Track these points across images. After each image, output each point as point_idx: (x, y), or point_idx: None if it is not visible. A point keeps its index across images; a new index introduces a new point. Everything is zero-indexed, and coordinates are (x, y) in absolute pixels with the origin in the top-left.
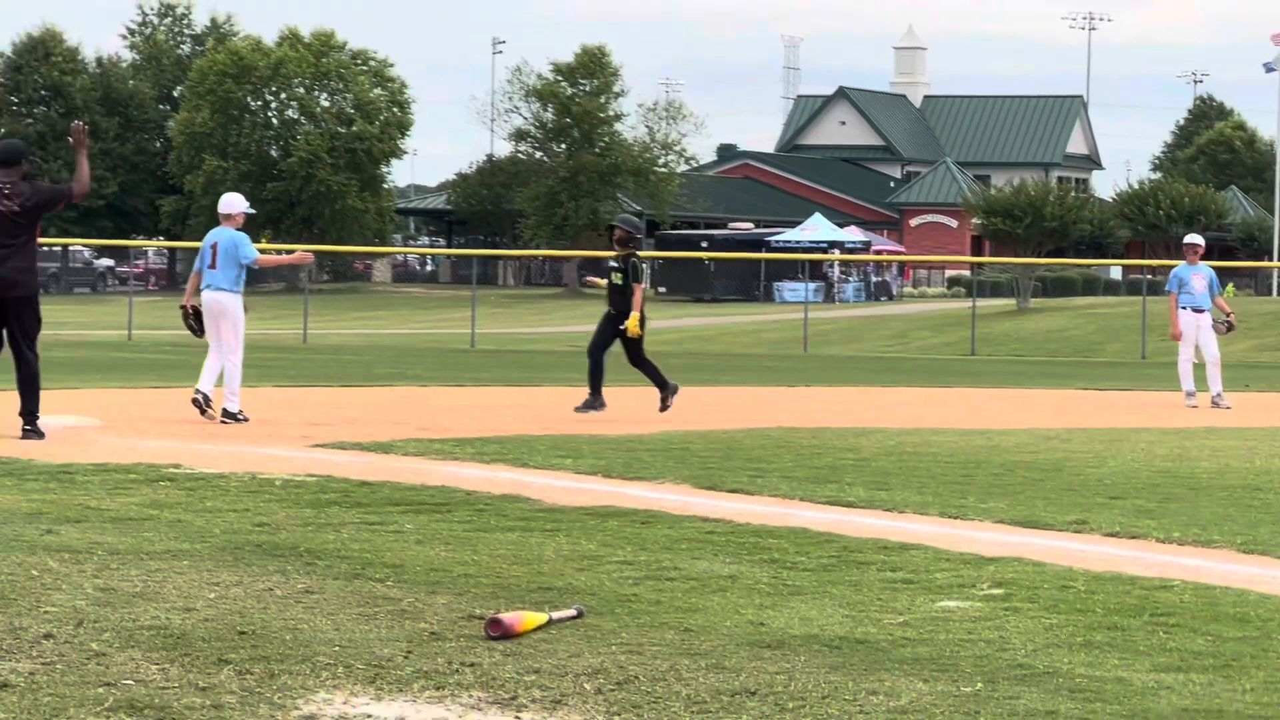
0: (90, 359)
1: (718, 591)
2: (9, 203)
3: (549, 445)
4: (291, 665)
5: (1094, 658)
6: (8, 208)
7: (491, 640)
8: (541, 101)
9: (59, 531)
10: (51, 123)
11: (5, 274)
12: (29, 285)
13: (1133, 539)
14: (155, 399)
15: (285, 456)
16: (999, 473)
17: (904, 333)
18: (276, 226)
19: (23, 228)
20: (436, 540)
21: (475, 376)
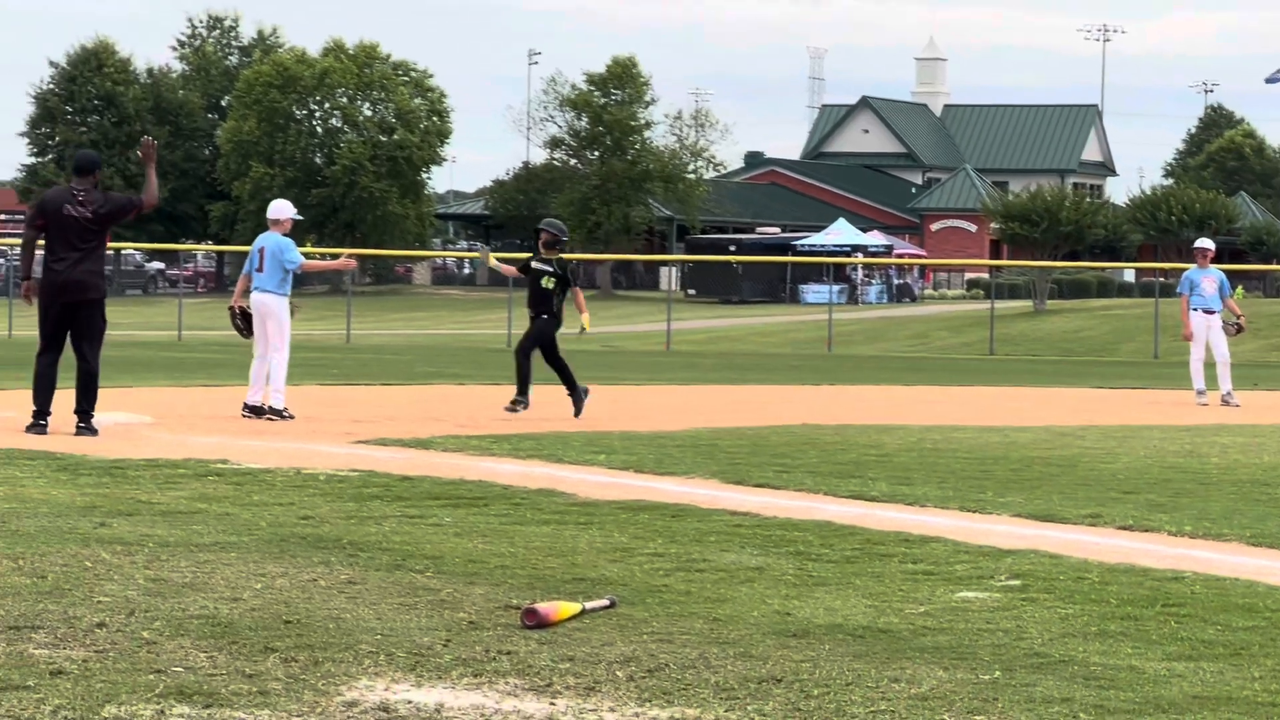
0: (141, 358)
1: (745, 582)
2: (82, 209)
3: (583, 441)
4: (335, 653)
5: (1108, 646)
6: (81, 214)
7: (527, 629)
8: (575, 111)
9: (111, 524)
10: (104, 131)
11: (78, 277)
12: (98, 289)
13: (1145, 532)
14: (204, 397)
15: (329, 452)
16: (1016, 468)
17: (925, 333)
18: (320, 231)
19: (94, 234)
20: (474, 533)
21: (511, 375)
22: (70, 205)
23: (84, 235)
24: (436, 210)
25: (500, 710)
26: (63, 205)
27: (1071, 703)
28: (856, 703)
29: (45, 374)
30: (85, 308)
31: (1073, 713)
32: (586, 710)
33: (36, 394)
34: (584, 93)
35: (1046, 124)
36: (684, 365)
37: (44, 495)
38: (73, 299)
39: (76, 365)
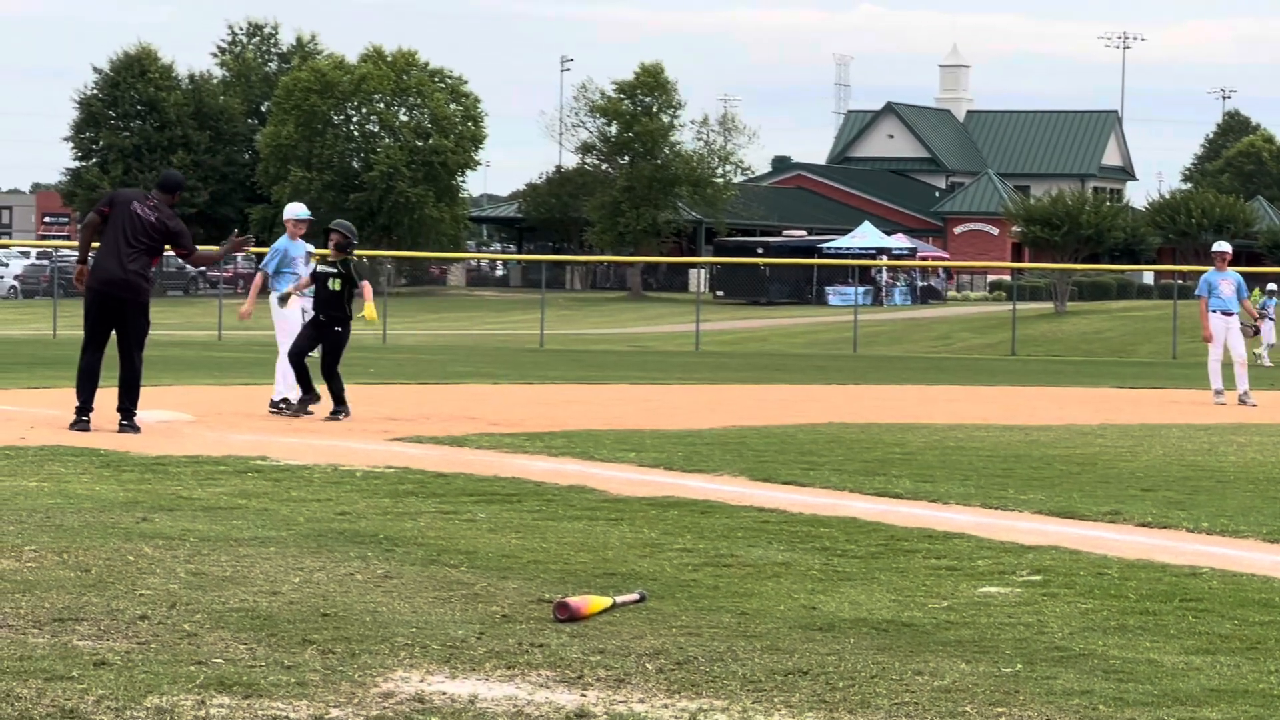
0: (183, 358)
1: (772, 577)
2: (149, 212)
3: (613, 439)
4: (371, 645)
5: (1127, 640)
6: (146, 215)
7: (559, 622)
8: (605, 117)
9: (153, 519)
10: (146, 136)
11: (125, 276)
12: (144, 291)
13: (1164, 529)
14: (244, 395)
15: (365, 449)
16: (1038, 466)
17: (948, 334)
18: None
19: (150, 239)
20: (507, 528)
21: (544, 375)
22: (140, 205)
23: (141, 236)
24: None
25: (532, 701)
26: (131, 202)
27: (1091, 695)
28: (881, 695)
29: (88, 370)
30: (131, 308)
31: (1092, 705)
32: (617, 702)
33: (79, 390)
34: (613, 100)
35: (1067, 129)
36: (713, 365)
37: (88, 491)
38: (119, 296)
39: (119, 364)
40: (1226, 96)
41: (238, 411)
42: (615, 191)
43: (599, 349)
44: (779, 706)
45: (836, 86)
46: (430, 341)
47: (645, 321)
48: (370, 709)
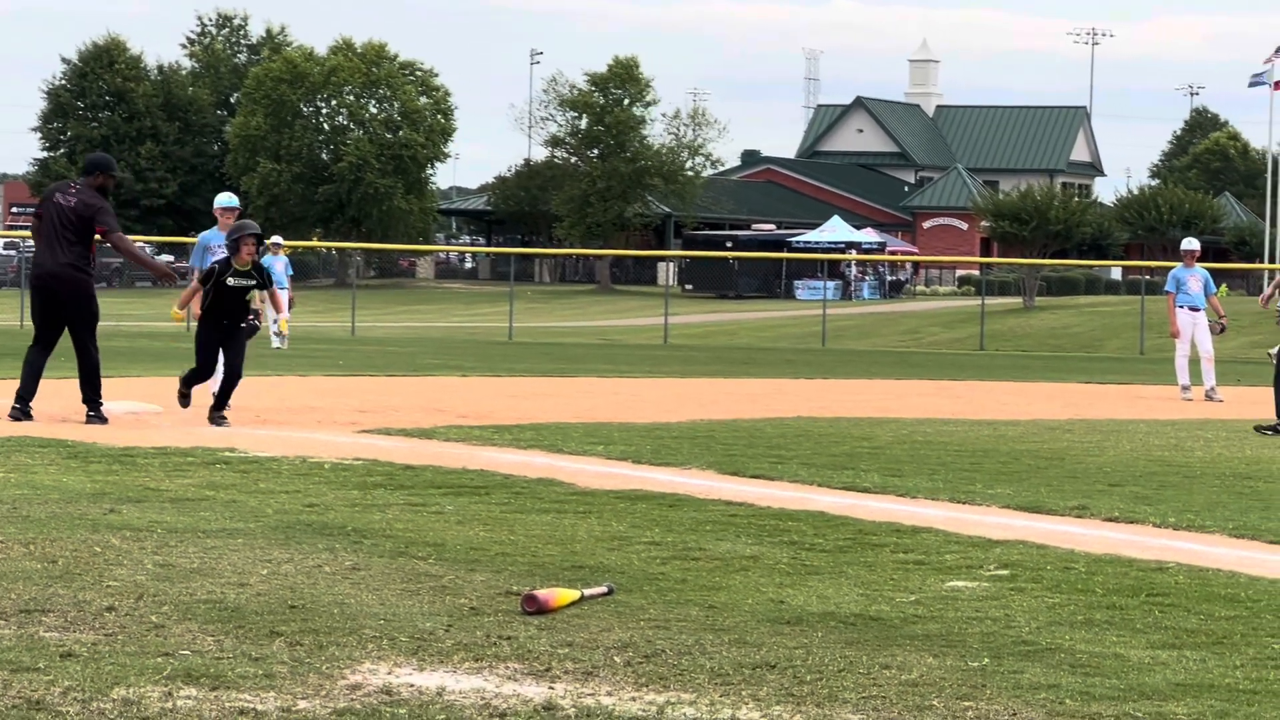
0: (151, 348)
1: (740, 571)
2: (74, 198)
3: (582, 432)
4: (339, 637)
5: (1094, 635)
6: (65, 203)
7: (527, 615)
8: (575, 110)
9: (121, 511)
10: (115, 127)
11: (60, 269)
12: (79, 280)
13: (1131, 524)
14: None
15: (334, 441)
16: (1005, 461)
17: (916, 329)
18: (327, 226)
19: (77, 227)
20: (475, 521)
21: (512, 367)
22: (62, 195)
23: (67, 226)
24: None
25: (500, 694)
26: (55, 194)
27: (1058, 689)
28: (848, 689)
29: (33, 363)
30: (70, 299)
31: (1059, 699)
32: (584, 694)
33: (23, 381)
34: (584, 93)
35: (1036, 125)
36: (681, 359)
37: (55, 482)
38: (54, 289)
39: (76, 357)
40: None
41: (206, 403)
42: (584, 185)
43: (568, 342)
44: (747, 700)
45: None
46: (399, 334)
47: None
48: (338, 701)
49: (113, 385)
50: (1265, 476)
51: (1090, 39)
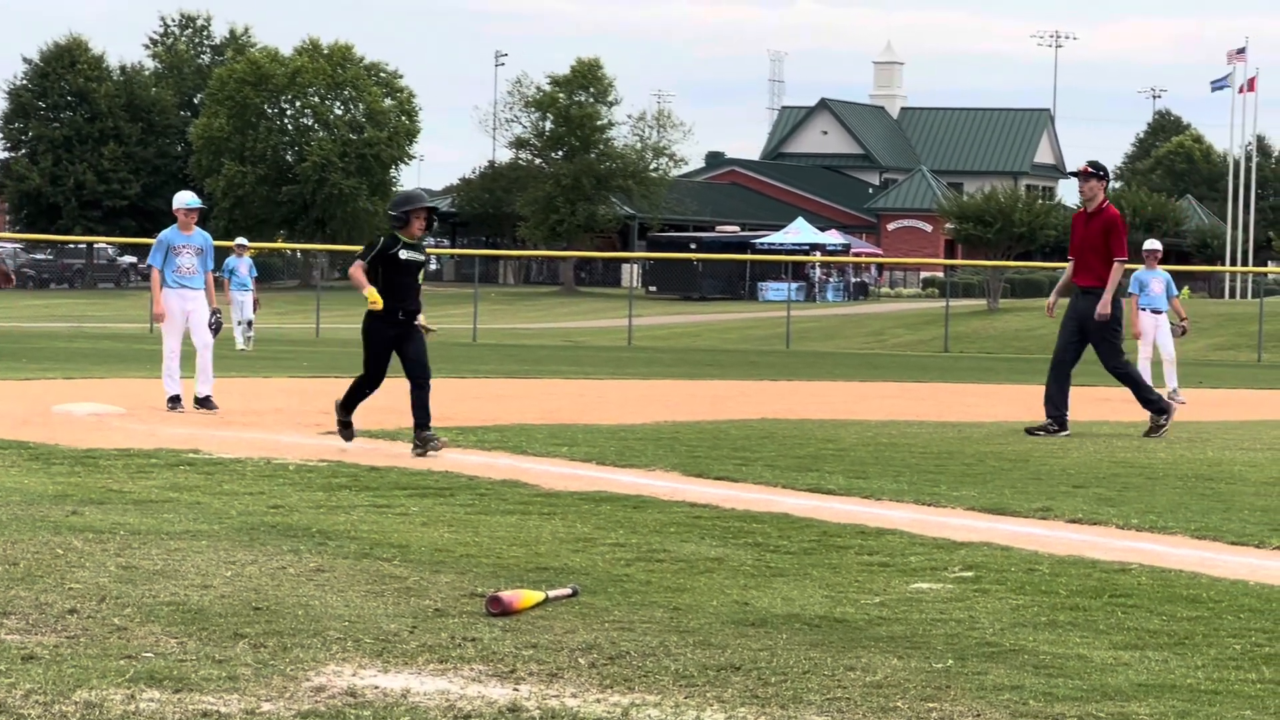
0: (113, 350)
1: (705, 572)
2: None
3: (546, 434)
4: (303, 639)
5: (1057, 636)
6: None
7: (492, 617)
8: (540, 111)
9: (83, 512)
10: (76, 127)
11: None
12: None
13: (1094, 525)
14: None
15: (298, 443)
16: (970, 463)
17: (881, 330)
18: (292, 228)
19: None
20: (440, 522)
21: (477, 369)
22: None
23: None
24: None
25: (465, 695)
26: None
27: (1021, 690)
28: (813, 690)
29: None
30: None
31: (1022, 700)
32: (549, 696)
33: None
34: (548, 94)
35: (1000, 127)
36: (645, 360)
37: (16, 484)
38: None
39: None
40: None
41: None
42: (548, 186)
43: (532, 344)
44: (711, 702)
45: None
46: None
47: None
48: (302, 703)
49: (76, 386)
50: (1227, 478)
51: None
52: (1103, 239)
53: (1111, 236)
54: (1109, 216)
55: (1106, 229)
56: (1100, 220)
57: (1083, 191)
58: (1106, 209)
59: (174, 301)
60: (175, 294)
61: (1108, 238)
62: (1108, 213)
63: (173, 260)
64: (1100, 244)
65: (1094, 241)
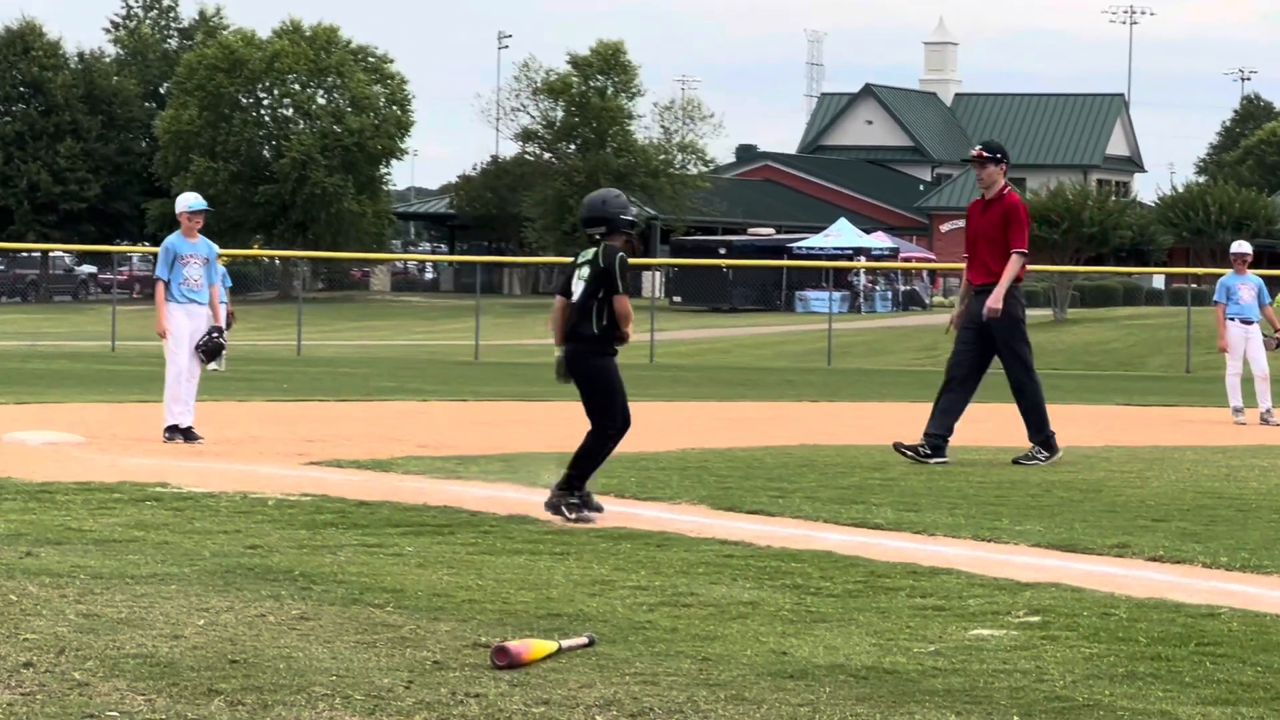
0: (71, 371)
1: (737, 618)
2: None
3: (558, 463)
4: (286, 695)
5: (1137, 689)
6: None
7: (498, 669)
8: (552, 98)
9: (39, 554)
10: (30, 121)
11: None
12: None
13: (1177, 564)
14: (140, 414)
15: (278, 475)
16: (1035, 493)
17: (934, 345)
18: (269, 231)
19: None
20: (439, 564)
21: (479, 390)
22: None
23: None
24: (396, 209)
25: None
26: None
27: None
28: None
29: None
30: None
31: None
32: None
33: None
34: (563, 76)
35: (1068, 115)
36: (669, 379)
37: None
38: None
39: None
40: (1245, 78)
41: (133, 433)
42: (561, 184)
43: (541, 362)
44: None
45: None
46: (351, 353)
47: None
48: None
49: (30, 412)
50: None
51: (1128, 18)
52: (1000, 229)
53: (1011, 226)
54: (1008, 204)
55: (1005, 218)
56: (998, 208)
57: (980, 179)
58: (1006, 195)
59: (180, 318)
60: (182, 309)
61: (1006, 227)
62: (1007, 200)
63: (179, 271)
64: (998, 235)
65: (991, 232)
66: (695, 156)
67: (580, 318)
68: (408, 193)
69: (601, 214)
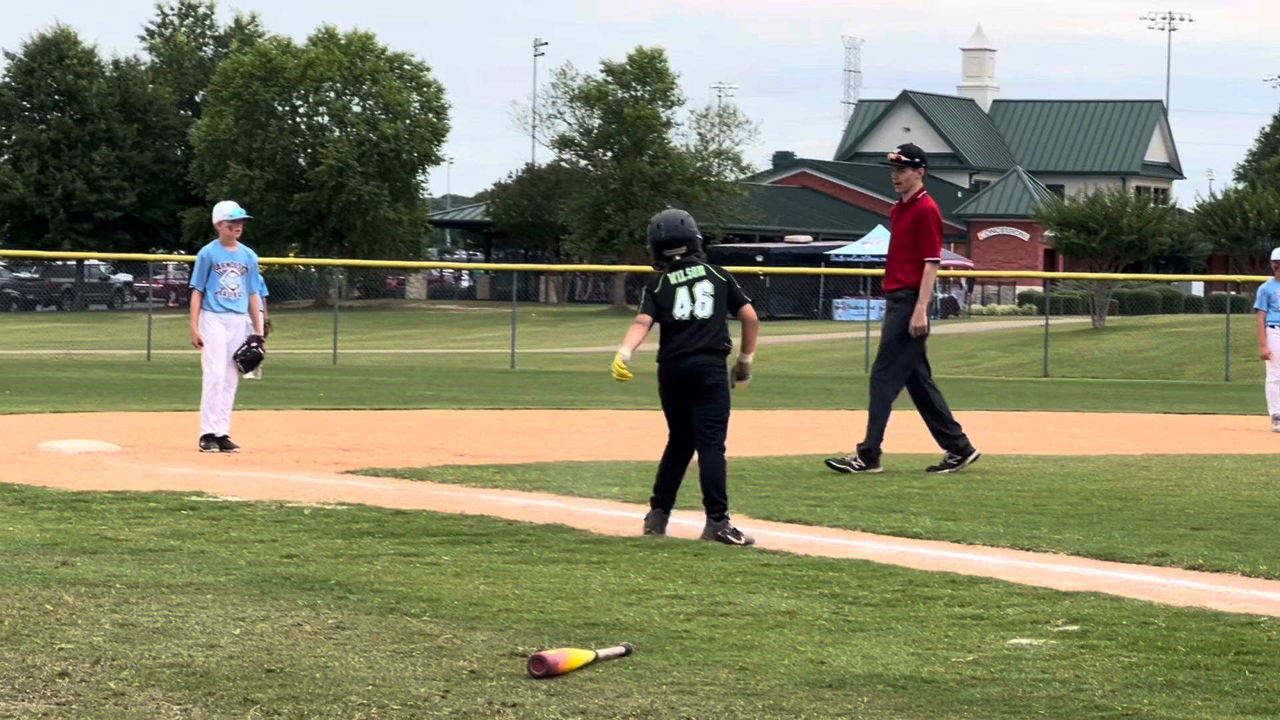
0: (107, 380)
1: (775, 628)
2: None
3: (594, 472)
4: (322, 705)
5: (1176, 699)
6: None
7: (534, 679)
8: (588, 106)
9: (75, 563)
10: (65, 129)
11: None
12: None
13: (1217, 572)
14: (176, 423)
15: (314, 484)
16: (1074, 502)
17: (972, 353)
18: (305, 240)
19: None
20: (475, 573)
21: (515, 399)
22: None
23: None
24: (432, 216)
25: None
26: None
27: None
28: None
29: None
30: None
31: None
32: None
33: None
34: (599, 85)
35: (1106, 121)
36: None
37: (0, 532)
38: None
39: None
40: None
41: (169, 441)
42: (598, 192)
43: (577, 370)
44: None
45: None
46: (387, 362)
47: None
48: None
49: (66, 421)
50: None
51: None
52: (912, 235)
53: (921, 232)
54: (920, 209)
55: (916, 223)
56: (911, 213)
57: (898, 182)
58: (920, 201)
59: (216, 327)
60: (218, 319)
61: (917, 234)
62: (920, 205)
63: (215, 280)
64: (910, 241)
65: (903, 238)
66: (732, 164)
67: (718, 332)
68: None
69: (684, 234)
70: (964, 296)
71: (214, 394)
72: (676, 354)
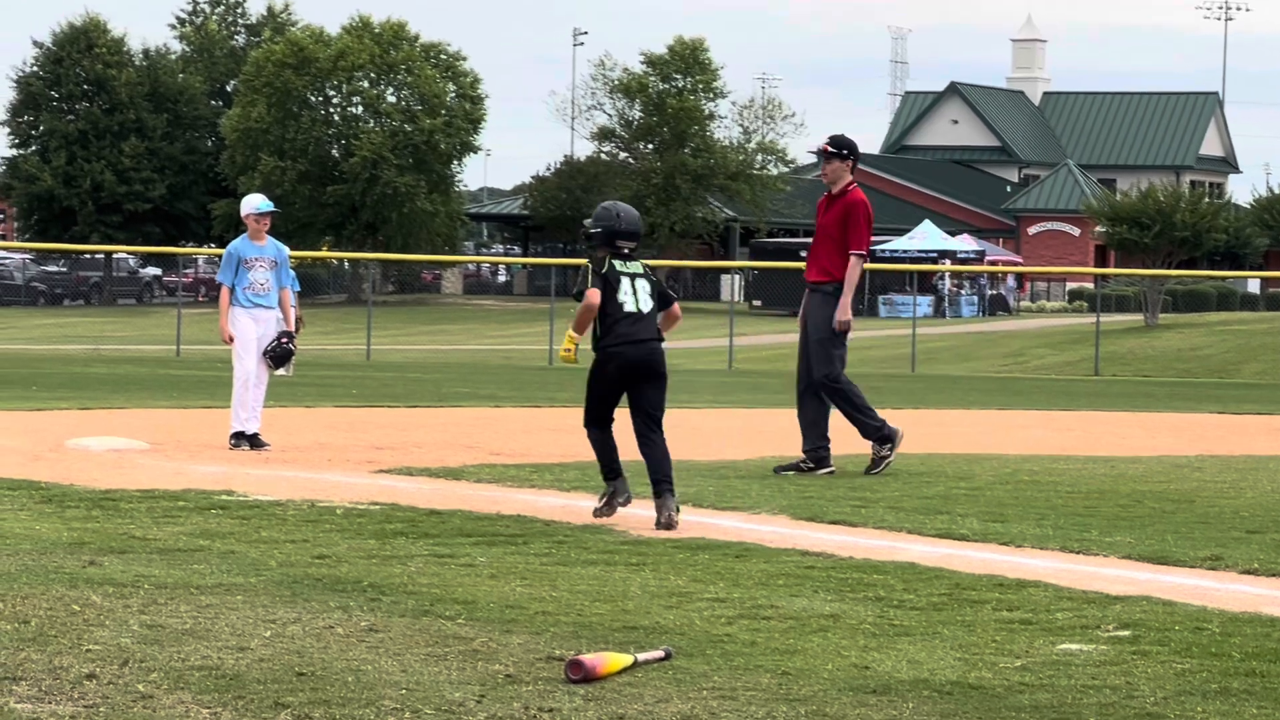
0: (135, 376)
1: (818, 631)
2: None
3: (634, 472)
4: (354, 709)
5: (1230, 706)
6: None
7: (572, 683)
8: (629, 97)
9: (102, 563)
10: (94, 120)
11: None
12: None
13: (1272, 577)
14: (206, 420)
15: (347, 483)
16: (1126, 504)
17: (1021, 351)
18: (338, 233)
19: None
20: (512, 574)
21: (553, 396)
22: None
23: None
24: (469, 209)
25: None
26: None
27: None
28: None
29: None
30: None
31: None
32: None
33: None
34: (639, 76)
35: (1159, 114)
36: (748, 386)
37: (26, 530)
38: None
39: None
40: None
41: (199, 439)
42: (638, 184)
43: None
44: None
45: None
46: (421, 358)
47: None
48: None
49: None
50: None
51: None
52: (840, 228)
53: (849, 225)
54: (849, 201)
55: (844, 216)
56: (840, 205)
57: (824, 174)
58: (849, 193)
59: (245, 323)
60: (247, 314)
61: (845, 227)
62: (849, 197)
63: (244, 275)
64: (837, 233)
65: (830, 230)
66: (776, 157)
67: (652, 323)
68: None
69: (639, 230)
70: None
71: (244, 391)
72: (631, 340)
